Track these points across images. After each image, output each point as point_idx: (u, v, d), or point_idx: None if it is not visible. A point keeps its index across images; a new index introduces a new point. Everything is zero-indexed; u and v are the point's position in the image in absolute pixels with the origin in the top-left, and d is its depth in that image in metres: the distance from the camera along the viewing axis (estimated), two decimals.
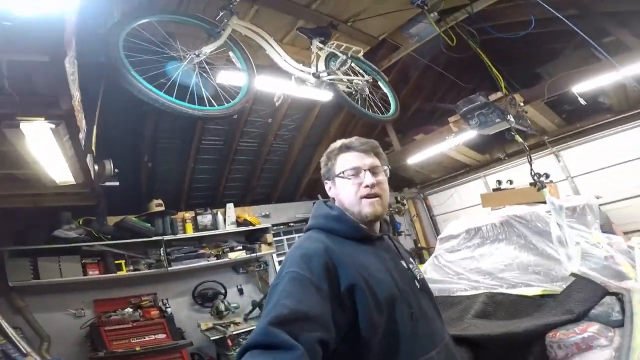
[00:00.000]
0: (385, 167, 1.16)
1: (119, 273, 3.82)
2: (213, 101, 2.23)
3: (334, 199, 1.17)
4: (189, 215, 4.46)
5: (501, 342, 1.93)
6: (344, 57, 2.99)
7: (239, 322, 4.15)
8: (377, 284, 0.95)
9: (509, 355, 1.97)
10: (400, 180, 6.56)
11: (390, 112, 3.47)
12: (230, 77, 2.49)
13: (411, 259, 1.21)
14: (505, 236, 3.62)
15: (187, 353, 3.78)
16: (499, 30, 3.97)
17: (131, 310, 3.84)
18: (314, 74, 2.83)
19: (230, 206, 4.74)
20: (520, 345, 2.04)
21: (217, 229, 4.60)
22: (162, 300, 4.15)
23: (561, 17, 2.83)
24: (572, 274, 2.62)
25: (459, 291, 2.97)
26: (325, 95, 3.33)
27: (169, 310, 4.06)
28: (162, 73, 2.06)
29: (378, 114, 3.36)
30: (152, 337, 3.74)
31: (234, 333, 3.90)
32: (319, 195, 5.75)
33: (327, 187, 1.19)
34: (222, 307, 4.25)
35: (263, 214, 5.23)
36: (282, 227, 5.40)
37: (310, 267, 0.90)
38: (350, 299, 0.90)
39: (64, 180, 2.87)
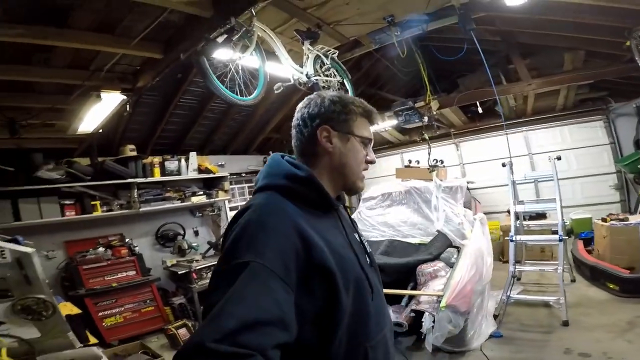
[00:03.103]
0: None
1: (94, 214, 4.08)
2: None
3: (323, 150, 0.96)
4: (157, 160, 4.74)
5: (395, 269, 3.42)
6: (329, 64, 3.69)
7: (198, 260, 4.82)
8: (345, 263, 0.86)
9: (399, 279, 3.40)
10: None
11: None
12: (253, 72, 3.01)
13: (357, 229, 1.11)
14: (406, 201, 5.13)
15: (156, 287, 4.37)
16: (440, 41, 5.02)
17: (103, 249, 4.19)
18: (307, 75, 3.50)
19: (193, 154, 5.12)
20: (405, 273, 3.46)
21: (180, 174, 5.00)
22: (128, 240, 4.53)
23: (480, 50, 3.98)
24: (437, 230, 4.25)
25: (372, 237, 4.29)
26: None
27: (136, 249, 4.49)
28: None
29: None
30: (124, 274, 4.19)
31: (197, 268, 4.61)
32: (270, 152, 6.47)
33: (323, 134, 0.96)
34: (185, 245, 4.89)
35: (219, 163, 5.76)
36: (234, 176, 6.04)
37: (274, 252, 0.74)
38: (322, 283, 0.79)
39: (84, 131, 3.15)
